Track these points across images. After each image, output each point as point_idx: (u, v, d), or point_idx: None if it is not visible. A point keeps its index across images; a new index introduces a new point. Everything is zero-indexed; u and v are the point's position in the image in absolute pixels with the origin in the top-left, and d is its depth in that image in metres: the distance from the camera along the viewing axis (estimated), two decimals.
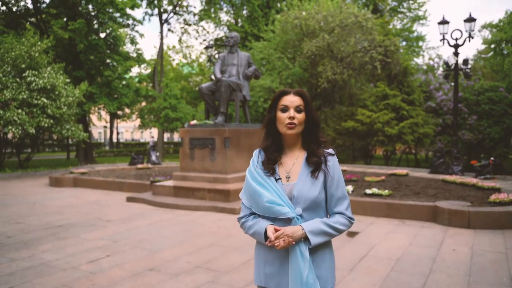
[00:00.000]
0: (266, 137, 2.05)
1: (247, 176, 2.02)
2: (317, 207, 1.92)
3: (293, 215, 1.86)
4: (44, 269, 4.69)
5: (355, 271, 4.63)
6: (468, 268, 4.76)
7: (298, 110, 1.94)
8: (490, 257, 5.14)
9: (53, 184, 12.40)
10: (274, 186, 1.91)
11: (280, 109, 1.96)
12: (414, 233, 6.39)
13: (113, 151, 34.62)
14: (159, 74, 29.17)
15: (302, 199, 1.89)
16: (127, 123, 50.35)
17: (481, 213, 6.73)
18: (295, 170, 1.96)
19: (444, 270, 4.69)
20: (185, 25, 31.69)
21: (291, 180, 1.95)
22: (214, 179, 9.15)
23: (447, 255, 5.23)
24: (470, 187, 9.31)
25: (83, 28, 19.81)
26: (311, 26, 17.36)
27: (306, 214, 1.90)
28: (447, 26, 13.56)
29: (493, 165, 11.95)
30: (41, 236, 6.25)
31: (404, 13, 30.10)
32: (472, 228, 6.63)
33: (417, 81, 18.45)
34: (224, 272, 4.60)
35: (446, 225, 6.83)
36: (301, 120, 1.94)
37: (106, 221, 7.32)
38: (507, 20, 27.58)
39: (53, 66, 16.13)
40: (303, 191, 1.89)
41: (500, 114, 18.16)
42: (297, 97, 1.96)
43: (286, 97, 1.96)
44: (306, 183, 1.91)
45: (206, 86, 9.88)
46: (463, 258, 5.13)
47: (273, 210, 1.87)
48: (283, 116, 1.94)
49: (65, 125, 15.80)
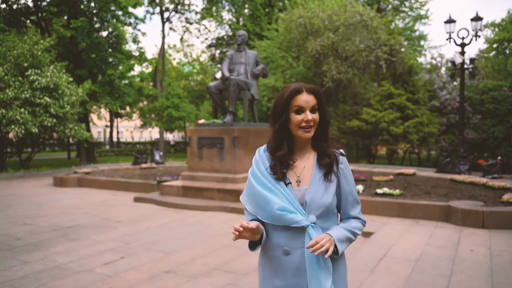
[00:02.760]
0: (278, 141, 1.85)
1: (250, 180, 1.85)
2: (329, 214, 1.80)
3: (307, 223, 1.72)
4: (59, 272, 4.60)
5: (375, 273, 4.55)
6: (489, 269, 4.68)
7: (313, 110, 1.79)
8: (509, 258, 5.07)
9: (57, 184, 12.30)
10: (284, 192, 1.76)
11: (294, 111, 1.78)
12: (429, 233, 6.32)
13: (114, 150, 34.49)
14: (161, 73, 29.07)
15: (316, 205, 1.75)
16: (128, 123, 50.27)
17: (496, 213, 6.66)
18: (306, 174, 1.82)
19: (464, 271, 4.62)
20: (186, 24, 31.58)
21: (302, 185, 1.80)
22: (223, 179, 9.06)
23: (466, 256, 5.16)
24: (481, 187, 9.24)
25: (85, 27, 19.69)
26: (316, 25, 17.28)
27: (319, 221, 1.76)
28: (453, 25, 13.49)
29: (501, 164, 11.90)
30: (51, 238, 6.16)
31: (406, 12, 30.03)
32: (487, 228, 6.56)
33: (421, 80, 18.37)
34: (243, 274, 4.52)
35: (460, 225, 6.76)
36: (317, 121, 1.80)
37: (116, 222, 7.23)
38: (509, 19, 27.55)
39: (55, 65, 16.01)
40: (316, 197, 1.76)
41: (504, 113, 18.10)
42: (312, 96, 1.79)
43: (300, 97, 1.77)
44: (319, 189, 1.77)
45: (214, 85, 9.79)
46: (482, 258, 5.06)
47: (285, 218, 1.72)
48: (298, 118, 1.77)
49: (68, 124, 15.69)
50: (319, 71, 17.99)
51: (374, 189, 8.75)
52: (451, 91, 18.75)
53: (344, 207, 1.86)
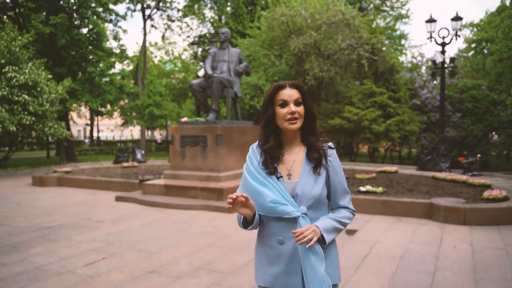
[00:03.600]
0: (265, 136, 1.94)
1: (245, 175, 1.95)
2: (320, 204, 1.89)
3: (298, 214, 1.81)
4: (38, 274, 4.48)
5: (360, 270, 4.55)
6: (472, 265, 4.74)
7: (297, 103, 1.88)
8: (491, 254, 5.14)
9: (36, 183, 12.03)
10: (276, 185, 1.86)
11: (278, 105, 1.88)
12: (412, 230, 6.37)
13: (94, 149, 33.99)
14: (142, 71, 28.74)
15: (306, 197, 1.85)
16: (108, 121, 49.64)
17: (477, 210, 6.76)
18: (296, 167, 1.91)
19: (448, 267, 4.66)
20: (168, 21, 31.27)
21: (292, 178, 1.90)
22: (206, 177, 8.99)
23: (449, 252, 5.21)
24: (461, 184, 9.38)
25: (64, 23, 19.28)
26: (298, 23, 17.28)
27: (310, 212, 1.86)
28: (434, 24, 13.66)
29: (480, 162, 12.10)
30: (31, 239, 6.00)
31: (387, 11, 30.32)
32: (468, 225, 6.65)
33: (402, 79, 18.57)
34: (228, 273, 4.47)
35: (442, 222, 6.84)
36: (302, 113, 1.88)
37: (97, 222, 7.09)
38: (487, 20, 28.03)
39: (34, 62, 15.65)
40: (306, 189, 1.85)
41: (483, 111, 18.43)
42: (295, 90, 1.89)
43: (283, 92, 1.88)
44: (309, 181, 1.86)
45: (197, 82, 9.70)
46: (464, 255, 5.12)
47: (277, 210, 1.81)
48: (283, 111, 1.87)
49: (48, 122, 15.37)
50: (301, 69, 18.00)
51: (357, 186, 8.79)
52: (432, 89, 19.01)
53: (334, 197, 1.95)
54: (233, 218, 7.29)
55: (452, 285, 4.14)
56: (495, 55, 14.35)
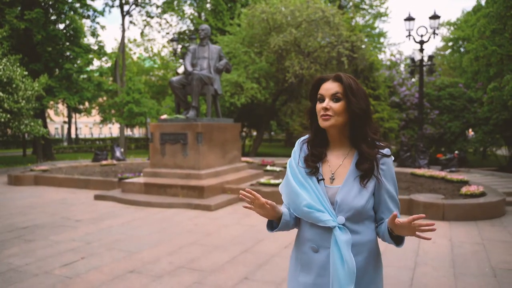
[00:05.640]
0: (311, 130, 1.80)
1: (288, 172, 1.80)
2: (363, 217, 1.69)
3: (334, 224, 1.63)
4: (14, 275, 4.36)
5: None
6: (451, 260, 4.80)
7: (336, 99, 1.68)
8: (469, 249, 5.23)
9: (12, 182, 11.73)
10: (315, 188, 1.70)
11: (318, 99, 1.73)
12: None
13: (73, 147, 33.42)
14: (121, 68, 28.34)
15: (347, 206, 1.65)
16: (87, 119, 48.82)
17: (455, 206, 6.87)
18: (341, 171, 1.72)
19: (428, 262, 4.71)
20: (147, 18, 30.89)
21: (335, 183, 1.71)
22: (186, 175, 8.90)
23: (429, 248, 5.28)
24: (440, 180, 9.52)
25: (40, 18, 18.85)
26: (278, 21, 17.27)
27: (350, 223, 1.66)
28: (412, 22, 13.82)
29: (458, 158, 12.31)
30: (6, 239, 5.84)
31: (366, 9, 30.60)
32: (447, 220, 6.76)
33: (381, 77, 18.76)
34: (210, 271, 4.43)
35: None
36: (339, 110, 1.67)
37: (76, 221, 6.95)
38: (464, 19, 28.57)
39: (9, 58, 15.25)
40: (348, 198, 1.66)
41: (460, 109, 18.76)
42: (335, 83, 1.70)
43: (323, 85, 1.73)
44: (352, 189, 1.67)
45: (176, 79, 9.59)
46: (444, 250, 5.19)
47: (312, 216, 1.66)
48: (319, 106, 1.70)
49: (24, 120, 15.01)
50: (281, 66, 18.01)
51: None
52: (410, 87, 19.26)
53: (384, 210, 1.74)
54: (214, 216, 7.24)
55: (432, 280, 4.18)
56: (471, 53, 14.60)
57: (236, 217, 7.15)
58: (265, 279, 4.22)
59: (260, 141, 22.54)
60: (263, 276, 4.29)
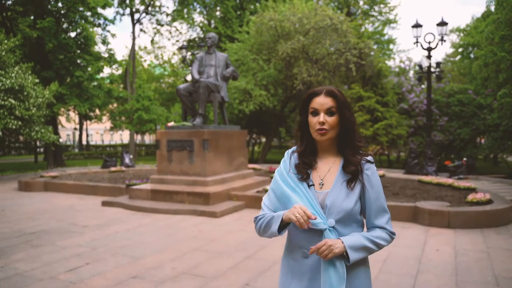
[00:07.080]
0: (300, 141, 1.89)
1: (277, 178, 1.87)
2: (351, 219, 1.76)
3: (325, 226, 1.70)
4: (20, 280, 4.44)
5: None
6: (454, 268, 4.79)
7: (330, 113, 1.76)
8: (473, 256, 5.20)
9: (22, 188, 11.91)
10: (306, 193, 1.77)
11: (310, 112, 1.79)
12: (397, 233, 6.37)
13: (83, 153, 33.71)
14: (131, 75, 28.64)
15: (336, 209, 1.73)
16: (98, 125, 49.31)
17: (461, 213, 6.83)
18: (329, 177, 1.81)
19: (431, 270, 4.70)
20: (157, 26, 31.21)
21: (324, 188, 1.80)
22: (193, 182, 8.97)
23: (432, 255, 5.26)
24: (447, 187, 9.47)
25: (52, 27, 19.18)
26: (286, 28, 17.35)
27: (339, 226, 1.74)
28: (420, 29, 13.80)
29: (466, 165, 12.22)
30: (13, 244, 5.95)
31: (376, 16, 30.56)
32: (452, 228, 6.72)
33: (390, 83, 18.71)
34: (212, 277, 4.47)
35: (426, 225, 6.90)
36: (333, 124, 1.76)
37: (82, 227, 7.04)
38: (473, 25, 28.41)
39: (21, 66, 15.52)
40: (337, 201, 1.74)
41: (469, 115, 18.62)
42: (329, 98, 1.77)
43: (315, 99, 1.79)
44: (341, 193, 1.76)
45: (183, 87, 9.69)
46: (447, 258, 5.17)
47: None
48: (314, 120, 1.78)
49: (34, 127, 15.23)
50: (290, 73, 18.06)
51: None
52: (419, 94, 19.16)
53: (369, 215, 1.81)
54: (219, 223, 7.29)
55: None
56: (481, 60, 14.52)
57: (241, 224, 7.19)
58: (265, 285, 4.25)
59: (269, 148, 22.58)
60: (263, 283, 4.32)
